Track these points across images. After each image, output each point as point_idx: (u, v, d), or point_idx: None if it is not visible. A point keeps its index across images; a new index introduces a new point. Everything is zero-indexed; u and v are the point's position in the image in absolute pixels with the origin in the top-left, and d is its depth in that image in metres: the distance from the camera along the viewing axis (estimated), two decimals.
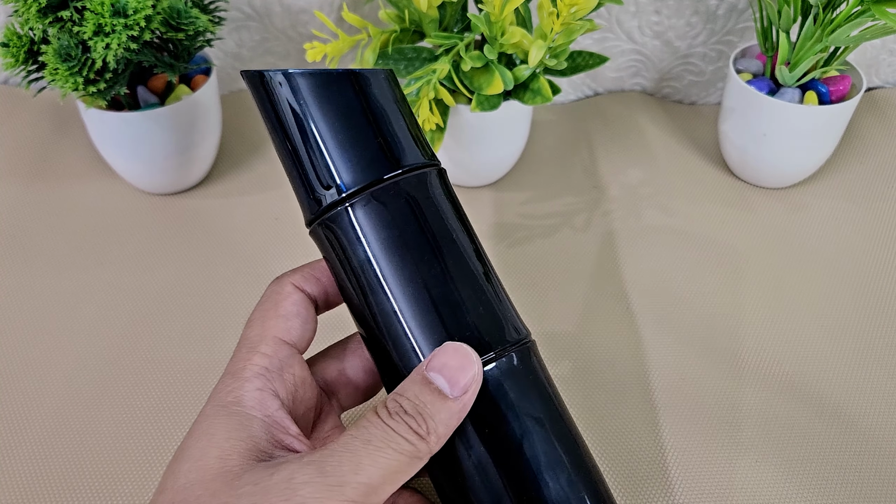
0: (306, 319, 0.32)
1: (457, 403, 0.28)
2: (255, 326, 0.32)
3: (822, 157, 0.57)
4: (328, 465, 0.26)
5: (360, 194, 0.30)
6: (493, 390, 0.30)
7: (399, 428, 0.27)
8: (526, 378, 0.31)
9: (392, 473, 0.27)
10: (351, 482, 0.26)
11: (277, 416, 0.29)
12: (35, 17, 0.46)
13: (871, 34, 0.50)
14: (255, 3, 0.63)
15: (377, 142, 0.31)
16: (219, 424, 0.28)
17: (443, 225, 0.31)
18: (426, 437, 0.27)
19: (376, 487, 0.26)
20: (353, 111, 0.31)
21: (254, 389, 0.29)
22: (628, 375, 0.46)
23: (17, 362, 0.47)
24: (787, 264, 0.53)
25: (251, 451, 0.27)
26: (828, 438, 0.43)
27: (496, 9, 0.46)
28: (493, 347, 0.30)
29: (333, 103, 0.30)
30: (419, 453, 0.27)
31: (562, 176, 0.60)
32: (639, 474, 0.41)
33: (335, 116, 0.30)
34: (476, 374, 0.28)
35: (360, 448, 0.26)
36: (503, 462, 0.30)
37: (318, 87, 0.30)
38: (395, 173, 0.31)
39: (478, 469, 0.30)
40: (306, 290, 0.33)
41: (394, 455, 0.27)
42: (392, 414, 0.27)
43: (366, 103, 0.31)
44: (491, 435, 0.30)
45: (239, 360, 0.30)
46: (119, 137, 0.54)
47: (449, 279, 0.30)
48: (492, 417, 0.30)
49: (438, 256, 0.30)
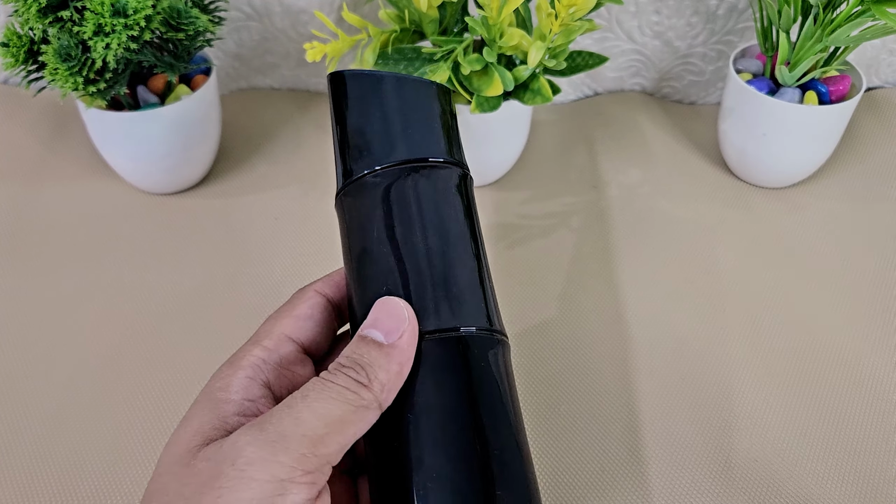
0: (320, 322, 0.32)
1: (394, 350, 0.28)
2: (266, 324, 0.32)
3: (822, 157, 0.57)
4: (268, 423, 0.26)
5: (390, 167, 0.32)
6: (445, 360, 0.30)
7: (338, 379, 0.27)
8: (479, 365, 0.30)
9: (336, 423, 0.26)
10: (292, 434, 0.25)
11: (259, 402, 0.29)
12: (35, 17, 0.46)
13: (871, 34, 0.50)
14: (255, 3, 0.63)
15: (409, 132, 0.33)
16: (197, 409, 0.28)
17: (452, 211, 0.32)
18: (368, 385, 0.27)
19: (321, 437, 0.26)
20: (417, 107, 0.34)
21: (243, 377, 0.29)
22: (628, 375, 0.46)
23: (17, 362, 0.47)
24: (787, 264, 0.53)
25: (217, 430, 0.27)
26: (827, 438, 0.43)
27: (494, 12, 0.46)
28: (452, 325, 0.30)
29: (403, 99, 0.34)
30: (364, 401, 0.27)
31: (561, 176, 0.60)
32: (645, 455, 0.41)
33: (402, 109, 0.33)
34: (409, 321, 0.29)
35: (298, 402, 0.27)
36: (434, 433, 0.29)
37: (362, 84, 0.33)
38: (417, 157, 0.32)
39: (413, 437, 0.29)
40: (326, 294, 0.33)
41: (335, 404, 0.27)
42: (331, 371, 0.28)
43: (426, 105, 0.34)
44: (426, 403, 0.29)
45: (240, 352, 0.31)
46: (119, 137, 0.54)
47: (433, 255, 0.31)
48: (425, 389, 0.29)
49: (433, 234, 0.31)
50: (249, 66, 0.68)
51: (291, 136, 0.64)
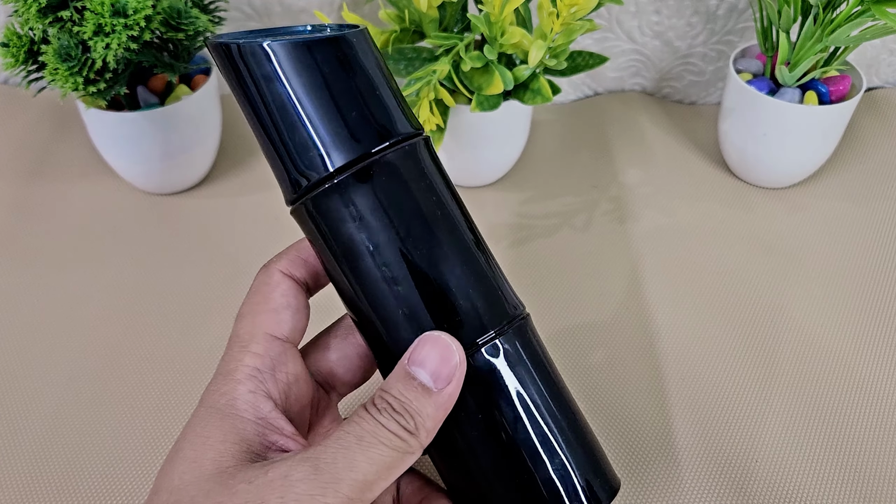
0: (297, 309, 0.32)
1: (441, 396, 0.28)
2: (245, 322, 0.31)
3: (822, 157, 0.57)
4: (322, 461, 0.26)
5: (345, 171, 0.28)
6: (488, 372, 0.29)
7: (389, 424, 0.27)
8: (522, 357, 0.30)
9: (385, 469, 0.27)
10: (346, 479, 0.26)
11: (271, 417, 0.29)
12: (35, 17, 0.46)
13: (871, 34, 0.50)
14: (255, 3, 0.63)
15: (363, 112, 0.28)
16: (213, 427, 0.28)
17: (433, 200, 0.30)
18: (415, 433, 0.27)
19: (371, 483, 0.26)
20: (336, 80, 0.28)
21: (246, 392, 0.29)
22: (626, 375, 0.46)
23: (17, 362, 0.47)
24: (787, 264, 0.53)
25: (245, 453, 0.27)
26: (827, 438, 0.43)
27: (496, 9, 0.46)
28: (487, 329, 0.30)
29: (314, 73, 0.28)
30: (410, 448, 0.27)
31: (562, 176, 0.60)
32: (643, 455, 0.41)
33: (313, 88, 0.28)
34: (458, 363, 0.28)
35: (353, 444, 0.26)
36: (504, 442, 0.29)
37: (297, 58, 0.28)
38: (382, 146, 0.29)
39: (475, 452, 0.30)
40: (295, 276, 0.32)
41: (386, 451, 0.27)
42: (381, 410, 0.28)
43: (349, 70, 0.28)
44: (486, 418, 0.29)
45: (230, 360, 0.30)
46: (119, 137, 0.54)
47: (440, 261, 0.29)
48: (487, 400, 0.29)
49: (429, 236, 0.29)
50: None
51: None
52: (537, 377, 0.30)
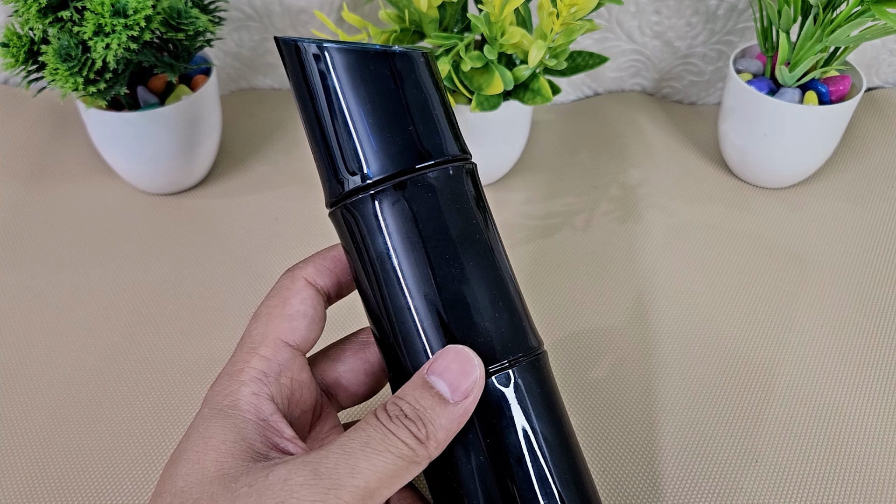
0: (313, 319, 0.32)
1: (457, 408, 0.28)
2: (259, 324, 0.31)
3: (822, 157, 0.57)
4: (324, 466, 0.26)
5: (385, 182, 0.29)
6: (499, 400, 0.29)
7: (399, 432, 0.27)
8: (533, 391, 0.30)
9: (389, 477, 0.26)
10: (347, 485, 0.25)
11: (272, 419, 0.29)
12: (35, 17, 0.46)
13: (871, 34, 0.50)
14: (255, 3, 0.63)
15: (410, 129, 0.29)
16: (215, 427, 0.28)
17: (468, 225, 0.30)
18: (426, 442, 0.27)
19: (373, 491, 0.26)
20: (388, 93, 0.29)
21: (249, 394, 0.29)
22: (626, 374, 0.46)
23: (17, 362, 0.47)
24: (787, 264, 0.53)
25: (246, 452, 0.27)
26: (826, 438, 0.43)
27: (496, 9, 0.46)
28: (504, 356, 0.30)
29: (369, 83, 0.29)
30: (418, 458, 0.27)
31: (562, 176, 0.60)
32: (644, 458, 0.41)
33: (369, 97, 0.29)
34: (478, 379, 0.28)
35: (357, 450, 0.26)
36: (499, 473, 0.29)
37: (354, 64, 0.29)
38: (424, 164, 0.29)
39: (473, 477, 0.29)
40: (318, 285, 0.32)
41: (392, 459, 0.26)
42: (392, 417, 0.27)
43: (402, 86, 0.29)
44: (487, 445, 0.29)
45: (237, 362, 0.30)
46: (119, 137, 0.54)
47: (467, 282, 0.29)
48: (494, 426, 0.29)
49: (460, 257, 0.29)
50: (249, 66, 0.68)
51: (292, 137, 0.64)
52: (544, 414, 0.30)
